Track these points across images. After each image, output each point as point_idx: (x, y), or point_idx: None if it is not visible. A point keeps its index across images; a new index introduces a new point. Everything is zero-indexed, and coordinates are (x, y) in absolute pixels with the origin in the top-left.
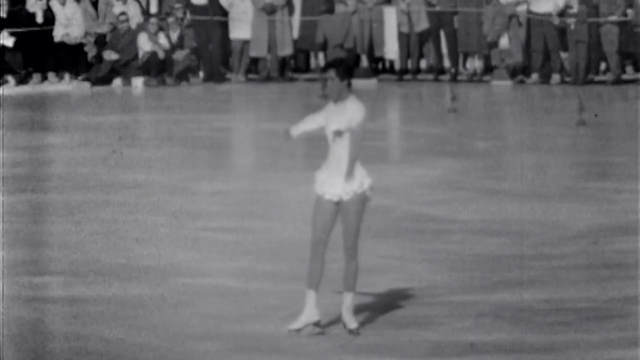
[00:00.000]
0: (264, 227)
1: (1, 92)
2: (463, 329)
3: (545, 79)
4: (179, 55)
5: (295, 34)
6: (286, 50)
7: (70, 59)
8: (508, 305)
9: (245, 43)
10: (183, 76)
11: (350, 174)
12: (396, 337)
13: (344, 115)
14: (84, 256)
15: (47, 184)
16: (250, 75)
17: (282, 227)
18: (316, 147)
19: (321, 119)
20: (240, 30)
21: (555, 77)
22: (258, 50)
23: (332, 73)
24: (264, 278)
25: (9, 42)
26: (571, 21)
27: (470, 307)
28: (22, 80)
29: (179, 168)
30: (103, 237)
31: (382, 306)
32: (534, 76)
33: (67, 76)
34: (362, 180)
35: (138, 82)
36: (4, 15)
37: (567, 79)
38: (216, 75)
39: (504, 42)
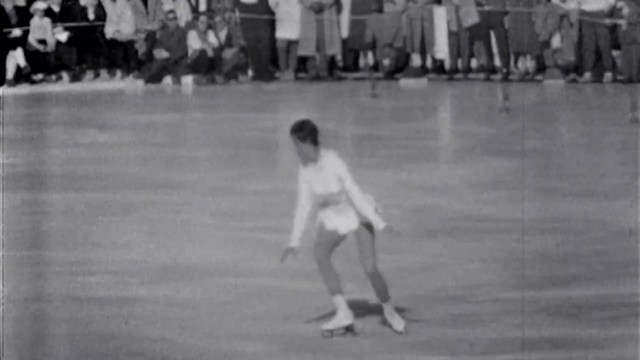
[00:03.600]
0: (309, 227)
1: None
2: (515, 326)
3: (597, 77)
4: (228, 53)
5: (344, 33)
6: (334, 49)
7: (121, 56)
8: (561, 302)
9: (291, 43)
10: (232, 75)
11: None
12: (447, 334)
13: (326, 176)
14: (133, 256)
15: (99, 182)
16: (299, 74)
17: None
18: (363, 147)
19: (304, 196)
20: (285, 30)
21: (608, 76)
22: (306, 49)
23: (301, 142)
24: (311, 278)
25: (63, 36)
26: (622, 22)
27: (522, 304)
28: (76, 77)
29: (228, 167)
30: (152, 237)
31: (433, 304)
32: (587, 75)
33: (119, 73)
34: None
35: (188, 80)
36: (57, 9)
37: (620, 77)
38: (265, 74)
39: (556, 41)
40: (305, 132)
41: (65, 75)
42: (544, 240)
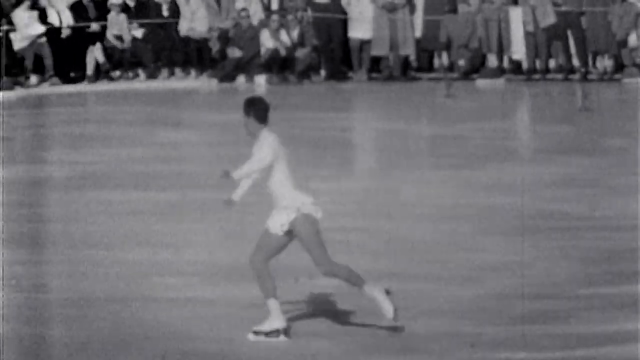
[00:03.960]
0: (386, 226)
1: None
2: (599, 321)
3: None
4: (301, 53)
5: (418, 33)
6: (408, 49)
7: (195, 54)
8: (637, 297)
9: (364, 43)
10: (305, 74)
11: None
12: (530, 331)
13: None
14: (210, 257)
15: (174, 182)
16: (372, 74)
17: (404, 226)
18: (438, 147)
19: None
20: (357, 29)
21: None
22: (380, 49)
23: (244, 115)
24: (388, 278)
25: (138, 33)
26: None
27: (606, 299)
28: (151, 75)
29: (301, 167)
30: (226, 237)
31: (515, 301)
32: None
33: (193, 72)
34: (292, 208)
35: (261, 79)
36: (132, 4)
37: None
38: (338, 74)
39: (632, 40)
40: (249, 107)
41: (141, 73)
42: (626, 236)
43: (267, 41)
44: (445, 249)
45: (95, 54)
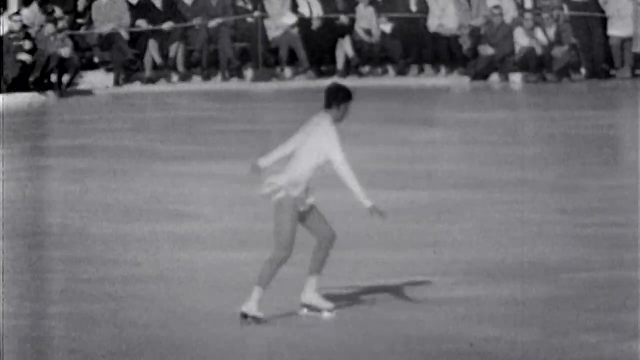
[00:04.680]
0: None
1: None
2: None
3: None
4: (558, 51)
5: None
6: None
7: (445, 51)
8: None
9: (625, 40)
10: (564, 72)
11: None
12: None
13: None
14: (470, 256)
15: (425, 181)
16: (637, 71)
17: None
18: None
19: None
20: (617, 27)
21: None
22: None
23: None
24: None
25: (387, 27)
26: None
27: None
28: (400, 71)
29: (560, 165)
30: (482, 235)
31: None
32: None
33: (443, 69)
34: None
35: (516, 77)
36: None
37: None
38: (599, 72)
39: None
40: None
41: (390, 69)
42: None
43: (521, 39)
44: None
45: (344, 48)
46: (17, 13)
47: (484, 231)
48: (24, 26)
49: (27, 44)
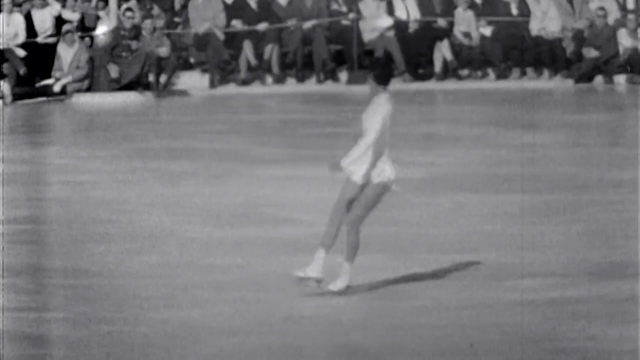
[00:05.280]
0: None
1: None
2: None
3: None
4: None
5: None
6: None
7: (548, 54)
8: None
9: None
10: None
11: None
12: None
13: (370, 111)
14: (565, 257)
15: (531, 183)
16: None
17: None
18: None
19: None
20: None
21: None
22: None
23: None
24: None
25: (487, 31)
26: None
27: None
28: (501, 75)
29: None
30: (587, 237)
31: None
32: None
33: (546, 72)
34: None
35: (621, 79)
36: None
37: None
38: None
39: None
40: (371, 68)
41: (490, 72)
42: None
43: (625, 40)
44: None
45: (442, 51)
46: (130, 9)
47: (586, 232)
48: (134, 26)
49: (134, 44)
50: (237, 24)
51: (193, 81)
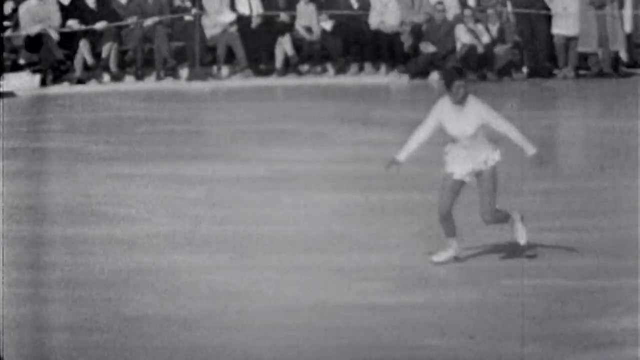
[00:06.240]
0: (594, 225)
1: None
2: None
3: None
4: (500, 49)
5: (628, 28)
6: (618, 45)
7: (386, 49)
8: None
9: (569, 39)
10: (505, 71)
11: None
12: None
13: (467, 118)
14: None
15: (370, 182)
16: (580, 71)
17: (615, 225)
18: None
19: (434, 121)
20: (562, 26)
21: None
22: (587, 45)
23: (461, 82)
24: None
25: (327, 25)
26: None
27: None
28: (340, 69)
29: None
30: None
31: None
32: None
33: (383, 67)
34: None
35: None
36: None
37: None
38: (542, 71)
39: None
40: (456, 72)
41: (330, 68)
42: None
43: (463, 36)
44: None
45: (284, 46)
46: None
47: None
48: None
49: None
50: (73, 24)
51: (22, 82)
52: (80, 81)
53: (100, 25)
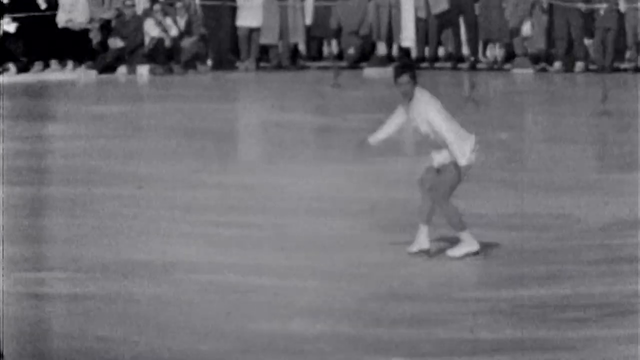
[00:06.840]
0: (269, 221)
1: (1, 81)
2: (477, 327)
3: (568, 67)
4: (187, 42)
5: (308, 20)
6: (298, 38)
7: (74, 46)
8: (525, 302)
9: (253, 31)
10: (191, 64)
11: (452, 144)
12: (408, 335)
13: (420, 112)
14: (85, 252)
15: (46, 176)
16: (261, 64)
17: (287, 221)
18: (325, 139)
19: (400, 118)
20: (246, 17)
21: (579, 65)
22: (269, 38)
23: (405, 78)
24: (269, 274)
25: (11, 27)
26: (600, 7)
27: (485, 303)
28: (23, 68)
29: (184, 160)
30: (105, 232)
31: (395, 303)
32: (557, 64)
33: (70, 64)
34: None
35: (144, 70)
36: (6, 0)
37: (592, 66)
38: (225, 63)
39: (526, 28)
40: (404, 69)
41: (11, 67)
42: (509, 236)
43: (151, 30)
44: (329, 245)
45: None
46: None
47: (104, 227)
48: None
49: None
50: None
51: None
52: None
53: None
